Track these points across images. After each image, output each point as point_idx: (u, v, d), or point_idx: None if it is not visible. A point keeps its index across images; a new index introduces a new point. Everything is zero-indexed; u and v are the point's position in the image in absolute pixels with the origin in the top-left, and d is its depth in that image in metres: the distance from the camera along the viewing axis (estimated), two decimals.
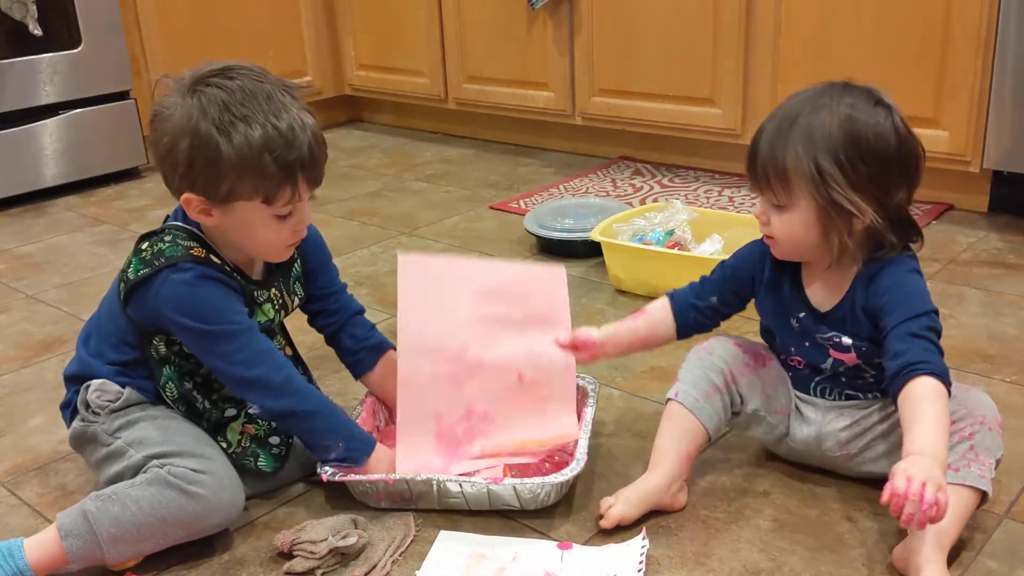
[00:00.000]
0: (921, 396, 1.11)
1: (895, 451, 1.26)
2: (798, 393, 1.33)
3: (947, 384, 1.12)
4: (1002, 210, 2.33)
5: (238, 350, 1.24)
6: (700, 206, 2.42)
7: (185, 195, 1.22)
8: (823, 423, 1.30)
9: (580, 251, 2.18)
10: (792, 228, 1.21)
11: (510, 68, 3.03)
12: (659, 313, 1.38)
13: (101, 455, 1.29)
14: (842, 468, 1.32)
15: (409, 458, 1.33)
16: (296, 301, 1.41)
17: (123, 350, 1.30)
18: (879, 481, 1.30)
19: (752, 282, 1.34)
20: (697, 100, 2.65)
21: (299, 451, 1.38)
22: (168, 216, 1.32)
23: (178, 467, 1.21)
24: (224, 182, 1.19)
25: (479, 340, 1.39)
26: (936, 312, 1.18)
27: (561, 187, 2.74)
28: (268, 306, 1.34)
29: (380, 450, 1.33)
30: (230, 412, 1.34)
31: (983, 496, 1.16)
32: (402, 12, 3.25)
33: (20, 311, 2.08)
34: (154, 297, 1.24)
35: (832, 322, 1.25)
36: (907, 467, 1.05)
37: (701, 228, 2.03)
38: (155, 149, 1.24)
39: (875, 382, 1.27)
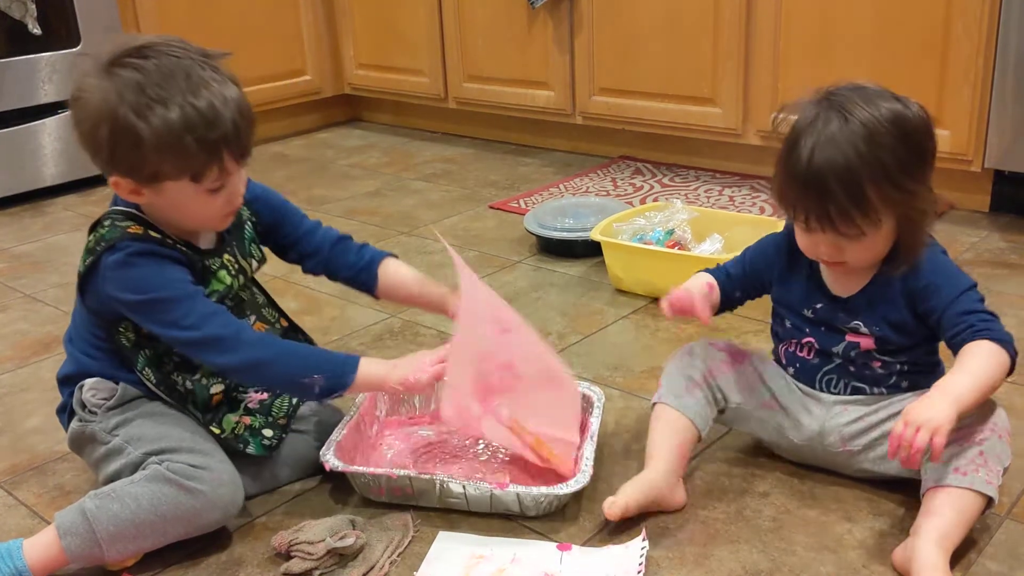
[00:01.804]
0: (974, 352, 1.15)
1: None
2: (803, 386, 1.33)
3: (1010, 349, 1.16)
4: (1004, 210, 2.33)
5: (185, 315, 1.21)
6: (700, 205, 2.41)
7: (113, 178, 1.21)
8: (827, 417, 1.30)
9: (580, 251, 2.18)
10: (875, 250, 1.22)
11: (510, 67, 3.03)
12: (715, 292, 1.39)
13: (100, 454, 1.28)
14: (844, 466, 1.32)
15: (450, 398, 1.30)
16: (255, 264, 1.40)
17: (103, 347, 1.29)
18: (879, 481, 1.30)
19: (767, 278, 1.36)
20: (697, 99, 2.65)
21: (297, 451, 1.38)
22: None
23: (176, 463, 1.20)
24: (147, 165, 1.17)
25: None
26: (976, 284, 1.22)
27: (561, 186, 2.73)
28: (223, 272, 1.32)
29: (369, 364, 1.27)
30: (216, 388, 1.32)
31: (989, 502, 1.15)
32: (402, 11, 3.25)
33: (18, 310, 2.08)
34: (101, 282, 1.23)
35: (853, 308, 1.27)
36: (912, 408, 1.11)
37: (701, 227, 2.03)
38: (77, 132, 1.22)
39: (884, 374, 1.28)
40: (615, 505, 1.23)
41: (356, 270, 1.45)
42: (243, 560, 1.24)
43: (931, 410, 1.09)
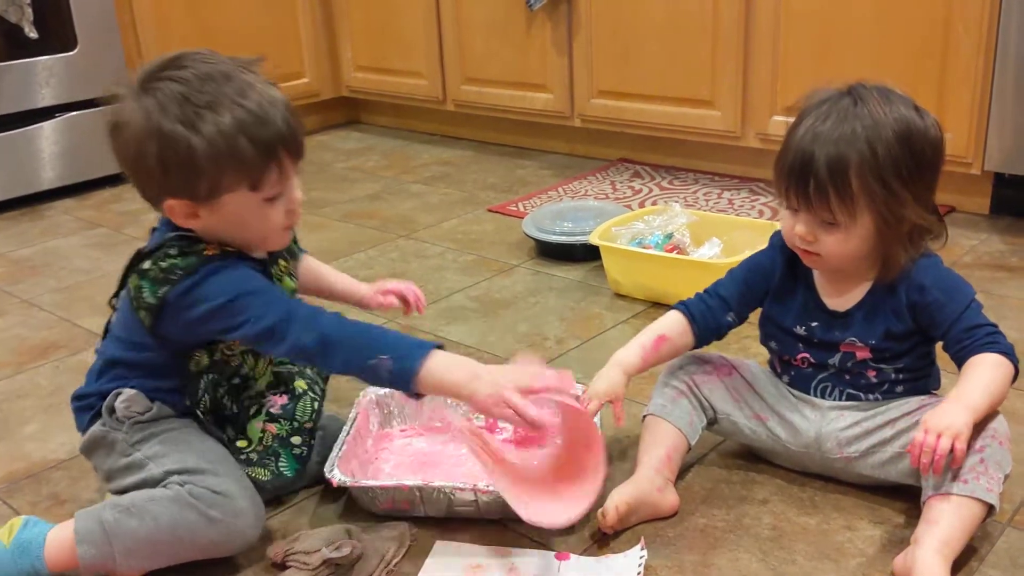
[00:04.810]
0: (979, 363, 1.18)
1: (903, 457, 1.25)
2: (797, 393, 1.33)
3: (1013, 360, 1.18)
4: (1004, 212, 2.32)
5: (263, 304, 1.16)
6: (699, 209, 2.41)
7: (167, 203, 1.16)
8: (823, 423, 1.29)
9: (578, 255, 2.17)
10: (847, 245, 1.21)
11: (508, 70, 3.02)
12: (683, 338, 1.35)
13: (119, 465, 1.25)
14: (843, 473, 1.31)
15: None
16: (294, 264, 1.37)
17: (147, 368, 1.25)
18: (879, 489, 1.30)
19: (766, 288, 1.35)
20: (696, 102, 2.64)
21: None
22: (154, 229, 1.26)
23: (199, 487, 1.17)
24: (203, 179, 1.12)
25: None
26: (975, 294, 1.24)
27: (560, 189, 2.72)
28: (287, 279, 1.31)
29: (439, 356, 1.15)
30: (253, 409, 1.31)
31: (990, 509, 1.15)
32: (400, 13, 3.24)
33: (15, 315, 2.07)
34: (186, 309, 1.17)
35: (849, 322, 1.26)
36: (930, 416, 1.13)
37: (700, 231, 2.02)
38: (123, 161, 1.17)
39: (877, 383, 1.28)
40: (607, 515, 1.23)
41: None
42: (239, 569, 1.23)
43: (949, 417, 1.12)
